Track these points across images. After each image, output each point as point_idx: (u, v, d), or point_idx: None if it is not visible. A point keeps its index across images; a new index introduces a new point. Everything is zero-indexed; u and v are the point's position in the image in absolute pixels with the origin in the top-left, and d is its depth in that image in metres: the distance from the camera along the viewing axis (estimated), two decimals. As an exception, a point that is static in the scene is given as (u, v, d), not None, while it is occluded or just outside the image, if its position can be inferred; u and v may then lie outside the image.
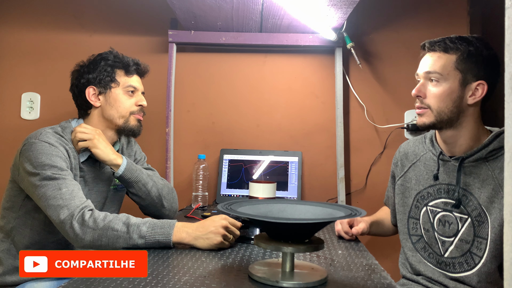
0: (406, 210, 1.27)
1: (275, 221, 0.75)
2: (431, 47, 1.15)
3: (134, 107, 1.34)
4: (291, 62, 1.94)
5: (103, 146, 1.23)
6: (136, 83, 1.36)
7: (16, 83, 1.96)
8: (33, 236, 1.24)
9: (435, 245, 1.19)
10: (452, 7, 1.88)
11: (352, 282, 0.82)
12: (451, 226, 1.16)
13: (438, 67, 1.12)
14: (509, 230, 0.37)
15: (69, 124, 1.29)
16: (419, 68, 1.18)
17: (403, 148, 1.36)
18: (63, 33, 1.96)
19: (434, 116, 1.13)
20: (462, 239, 1.13)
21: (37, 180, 1.12)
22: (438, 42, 1.14)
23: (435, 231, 1.19)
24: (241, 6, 1.59)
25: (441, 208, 1.18)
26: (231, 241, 1.05)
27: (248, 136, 1.93)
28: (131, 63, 1.35)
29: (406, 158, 1.32)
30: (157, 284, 0.77)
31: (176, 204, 1.42)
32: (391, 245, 1.68)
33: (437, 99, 1.12)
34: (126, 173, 1.26)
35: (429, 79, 1.14)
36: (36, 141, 1.17)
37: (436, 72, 1.12)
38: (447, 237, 1.16)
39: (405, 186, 1.29)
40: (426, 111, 1.14)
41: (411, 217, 1.26)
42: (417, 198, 1.25)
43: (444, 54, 1.12)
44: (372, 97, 1.90)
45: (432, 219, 1.20)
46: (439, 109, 1.12)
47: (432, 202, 1.21)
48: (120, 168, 1.25)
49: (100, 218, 1.04)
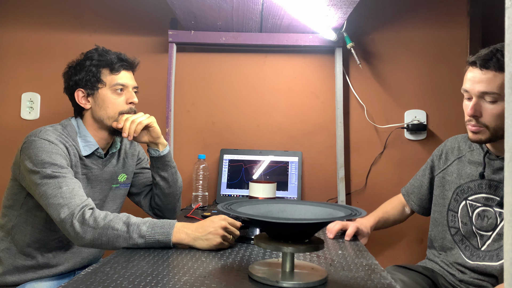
0: (446, 202, 1.30)
1: (275, 221, 0.75)
2: (484, 65, 1.09)
3: (124, 106, 1.29)
4: (291, 62, 1.94)
5: (154, 119, 1.32)
6: (124, 80, 1.30)
7: (16, 83, 1.95)
8: (35, 234, 1.24)
9: (473, 238, 1.22)
10: (452, 7, 1.88)
11: (352, 282, 0.82)
12: (490, 221, 1.18)
13: (495, 88, 1.08)
14: (509, 230, 0.38)
15: (69, 122, 1.29)
16: (469, 85, 1.13)
17: (450, 142, 1.37)
18: (63, 33, 1.96)
19: (490, 133, 1.13)
20: (501, 233, 1.16)
21: (38, 178, 1.12)
22: (490, 60, 1.09)
23: (473, 225, 1.21)
24: (241, 6, 1.59)
25: (481, 203, 1.20)
26: (231, 242, 1.05)
27: (248, 136, 1.93)
28: (115, 60, 1.28)
29: (451, 152, 1.34)
30: (157, 284, 0.77)
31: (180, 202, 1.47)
32: (392, 245, 1.68)
33: (495, 117, 1.10)
34: (169, 154, 1.37)
35: (484, 98, 1.11)
36: (36, 138, 1.17)
37: (495, 93, 1.09)
38: (485, 231, 1.19)
39: (445, 179, 1.31)
40: (482, 129, 1.13)
41: (450, 209, 1.28)
42: (456, 191, 1.27)
43: (498, 73, 1.08)
44: (372, 97, 1.90)
45: (471, 213, 1.22)
46: (497, 127, 1.11)
47: (472, 196, 1.23)
48: (166, 148, 1.36)
49: (101, 217, 1.04)
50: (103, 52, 1.30)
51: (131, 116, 1.26)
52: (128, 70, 1.33)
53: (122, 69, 1.30)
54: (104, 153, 1.33)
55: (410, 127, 1.85)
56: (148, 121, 1.29)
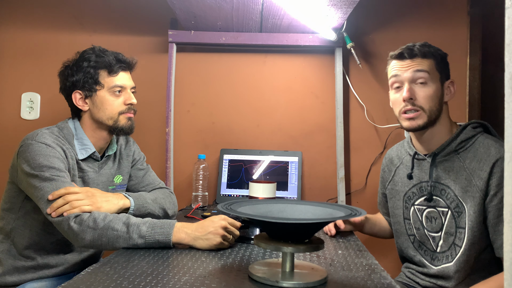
0: (400, 212, 1.31)
1: (275, 221, 0.75)
2: (411, 53, 1.17)
3: (123, 107, 1.28)
4: (291, 62, 1.94)
5: (104, 204, 1.12)
6: (122, 81, 1.29)
7: (16, 83, 1.96)
8: (33, 237, 1.23)
9: (427, 241, 1.23)
10: (452, 7, 1.88)
11: (352, 282, 0.82)
12: (437, 221, 1.20)
13: (426, 67, 1.16)
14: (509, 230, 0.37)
15: (66, 125, 1.29)
16: (400, 72, 1.19)
17: (388, 154, 1.43)
18: (63, 33, 1.96)
19: (427, 116, 1.17)
20: (447, 232, 1.18)
21: (36, 182, 1.12)
22: (413, 50, 1.18)
23: (424, 228, 1.24)
24: (241, 6, 1.59)
25: (425, 206, 1.23)
26: (231, 242, 1.05)
27: (248, 136, 1.93)
28: (113, 61, 1.27)
29: (391, 163, 1.38)
30: (157, 284, 0.77)
31: (177, 207, 1.41)
32: (392, 245, 1.67)
33: (428, 99, 1.16)
34: (136, 212, 1.20)
35: (415, 82, 1.17)
36: (33, 142, 1.17)
37: (426, 71, 1.16)
38: (435, 232, 1.21)
39: (394, 190, 1.34)
40: (419, 113, 1.16)
41: (405, 218, 1.30)
42: (404, 199, 1.30)
43: (425, 59, 1.17)
44: (372, 97, 1.90)
45: (420, 216, 1.25)
46: (431, 109, 1.17)
47: (417, 201, 1.25)
48: (129, 210, 1.19)
49: (100, 218, 1.04)
50: (100, 52, 1.28)
51: (71, 195, 1.08)
52: (126, 71, 1.32)
53: (120, 70, 1.29)
54: (100, 155, 1.33)
55: (410, 127, 1.86)
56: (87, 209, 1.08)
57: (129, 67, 1.34)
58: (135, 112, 1.33)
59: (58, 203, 1.07)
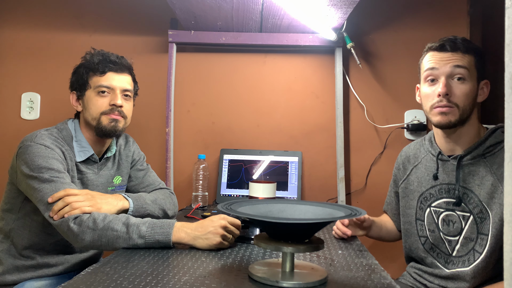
0: (412, 212, 1.28)
1: (275, 221, 0.75)
2: (454, 46, 1.12)
3: (106, 107, 1.26)
4: (291, 62, 1.94)
5: (104, 205, 1.12)
6: (109, 82, 1.26)
7: (16, 83, 1.96)
8: (32, 238, 1.24)
9: (442, 245, 1.20)
10: (452, 7, 1.88)
11: (352, 282, 0.82)
12: (455, 225, 1.16)
13: (466, 63, 1.11)
14: (509, 230, 0.37)
15: (65, 126, 1.29)
16: (438, 65, 1.13)
17: (405, 151, 1.37)
18: (63, 33, 1.96)
19: (459, 114, 1.12)
20: (467, 237, 1.14)
21: (35, 183, 1.12)
22: (457, 43, 1.13)
23: (440, 231, 1.20)
24: (241, 6, 1.59)
25: (443, 208, 1.19)
26: (231, 241, 1.05)
27: (248, 136, 1.93)
28: (101, 61, 1.26)
29: (408, 161, 1.33)
30: (157, 284, 0.77)
31: (177, 207, 1.41)
32: (392, 245, 1.67)
33: (464, 97, 1.11)
34: (135, 214, 1.20)
35: (453, 77, 1.12)
36: (32, 143, 1.17)
37: (465, 67, 1.11)
38: (453, 236, 1.17)
39: (408, 189, 1.30)
40: (453, 109, 1.12)
41: (417, 219, 1.27)
42: (420, 199, 1.25)
43: (467, 54, 1.12)
44: (372, 97, 1.90)
45: (436, 219, 1.21)
46: (464, 107, 1.12)
47: (435, 202, 1.21)
48: (128, 211, 1.19)
49: (100, 219, 1.04)
50: (93, 54, 1.30)
51: (71, 197, 1.08)
52: (118, 72, 1.29)
53: (108, 70, 1.27)
54: (99, 157, 1.33)
55: (410, 127, 1.85)
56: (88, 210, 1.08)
57: (121, 69, 1.30)
58: (123, 115, 1.29)
59: (58, 206, 1.07)
